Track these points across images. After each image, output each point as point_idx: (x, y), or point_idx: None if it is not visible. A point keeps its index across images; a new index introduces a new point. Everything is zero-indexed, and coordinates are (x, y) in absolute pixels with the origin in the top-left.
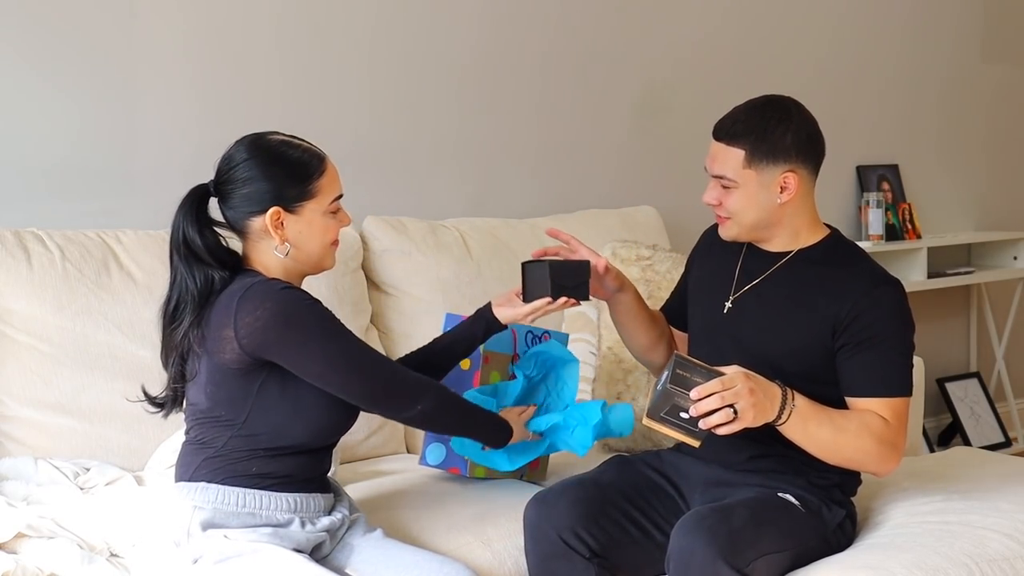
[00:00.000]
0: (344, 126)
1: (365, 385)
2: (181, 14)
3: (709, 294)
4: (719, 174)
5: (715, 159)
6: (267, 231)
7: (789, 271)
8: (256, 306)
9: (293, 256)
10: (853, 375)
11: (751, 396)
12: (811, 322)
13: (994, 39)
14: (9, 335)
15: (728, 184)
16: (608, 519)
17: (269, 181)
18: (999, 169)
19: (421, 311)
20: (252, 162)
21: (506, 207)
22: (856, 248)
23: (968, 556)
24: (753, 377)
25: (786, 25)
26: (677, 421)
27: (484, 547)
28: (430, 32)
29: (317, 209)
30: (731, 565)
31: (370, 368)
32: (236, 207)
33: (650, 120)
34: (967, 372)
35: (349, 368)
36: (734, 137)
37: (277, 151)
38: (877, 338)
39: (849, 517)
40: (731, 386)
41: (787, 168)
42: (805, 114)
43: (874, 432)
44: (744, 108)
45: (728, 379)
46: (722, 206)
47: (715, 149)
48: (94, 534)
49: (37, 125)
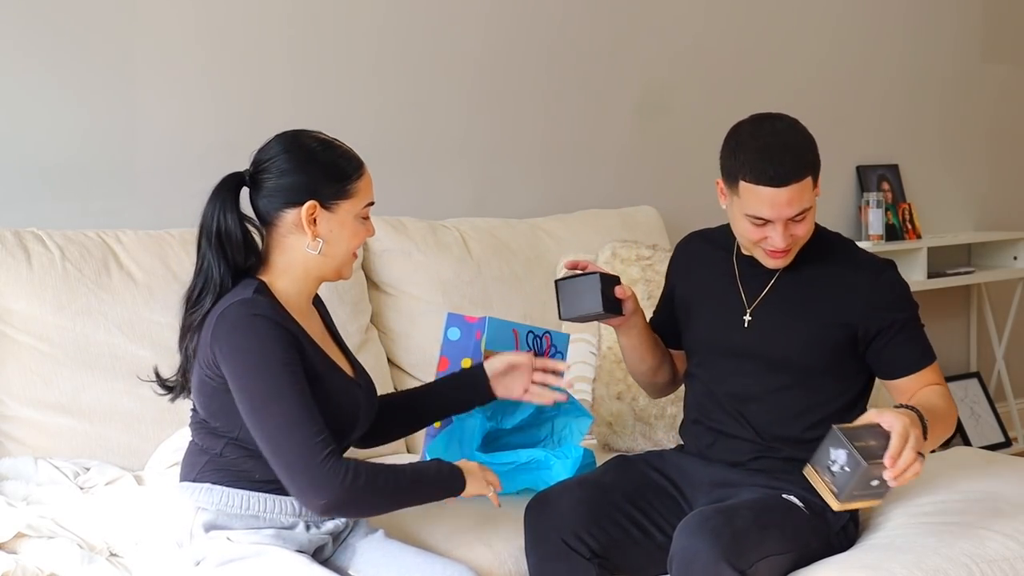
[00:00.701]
0: (344, 126)
1: (271, 454)
2: (183, 14)
3: (714, 310)
4: (799, 211)
5: (791, 203)
6: (299, 225)
7: (794, 273)
8: (227, 327)
9: (322, 253)
10: (895, 359)
11: (918, 429)
12: (824, 319)
13: (994, 39)
14: (9, 335)
15: (803, 215)
16: (609, 520)
17: (309, 175)
18: (999, 169)
19: (421, 311)
20: (292, 155)
21: (506, 207)
22: (843, 239)
23: (968, 556)
24: (901, 413)
25: (786, 26)
26: (868, 491)
27: (485, 548)
28: (431, 33)
29: (351, 211)
30: (733, 566)
31: (284, 441)
32: (271, 197)
33: (650, 120)
34: (967, 372)
35: (263, 432)
36: (800, 172)
37: (319, 148)
38: (900, 320)
39: (852, 519)
40: (907, 434)
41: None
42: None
43: (947, 399)
44: (781, 144)
45: (902, 429)
46: (796, 239)
47: (786, 195)
48: (94, 534)
49: (37, 125)
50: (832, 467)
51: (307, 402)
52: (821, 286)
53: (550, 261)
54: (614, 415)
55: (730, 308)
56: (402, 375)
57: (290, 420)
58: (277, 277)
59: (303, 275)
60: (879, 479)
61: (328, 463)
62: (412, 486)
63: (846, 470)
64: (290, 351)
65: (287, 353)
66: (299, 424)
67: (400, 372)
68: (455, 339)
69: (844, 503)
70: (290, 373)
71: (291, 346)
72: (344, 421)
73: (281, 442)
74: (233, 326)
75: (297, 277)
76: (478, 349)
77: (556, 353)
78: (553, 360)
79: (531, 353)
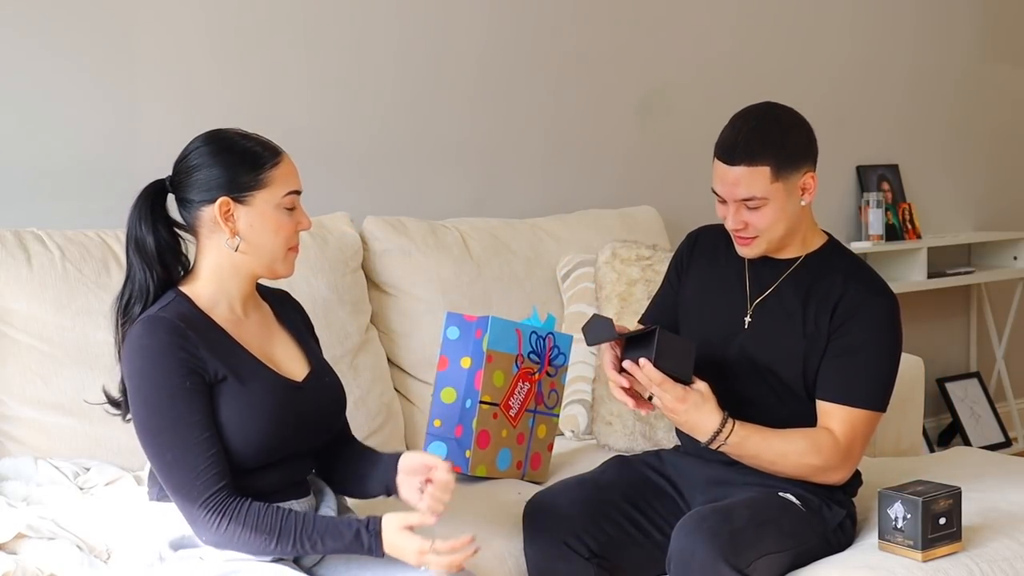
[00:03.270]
0: (344, 126)
1: (159, 472)
2: (183, 14)
3: (717, 311)
4: (746, 196)
5: (738, 183)
6: (217, 223)
7: (799, 278)
8: (127, 348)
9: (244, 250)
10: (825, 377)
11: (682, 404)
12: (812, 331)
13: (994, 39)
14: (9, 335)
15: (756, 204)
16: (607, 519)
17: (220, 168)
18: (999, 169)
19: (421, 311)
20: (205, 149)
21: (506, 207)
22: (854, 256)
23: (968, 556)
24: (700, 405)
25: (787, 26)
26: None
27: (485, 546)
28: (431, 33)
29: (269, 200)
30: (732, 565)
31: (166, 478)
32: (189, 198)
33: (651, 120)
34: (967, 372)
35: (151, 461)
36: (754, 156)
37: (230, 140)
38: (857, 346)
39: (849, 517)
40: (679, 395)
41: (806, 170)
42: (798, 113)
43: (823, 450)
44: (750, 123)
45: (673, 387)
46: (748, 227)
47: (734, 174)
48: (94, 535)
49: (37, 125)
50: (897, 524)
51: (193, 438)
52: (814, 298)
53: (550, 261)
54: (614, 415)
55: (733, 309)
56: (402, 375)
57: (172, 457)
58: (202, 284)
59: (232, 275)
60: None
61: (206, 507)
62: (312, 543)
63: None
64: (182, 378)
65: (175, 381)
66: (179, 463)
67: (400, 372)
68: (454, 338)
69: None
70: (178, 404)
71: (185, 372)
72: (276, 429)
73: (165, 476)
74: (130, 348)
75: (225, 278)
76: (479, 348)
77: (559, 354)
78: (445, 486)
79: (449, 464)
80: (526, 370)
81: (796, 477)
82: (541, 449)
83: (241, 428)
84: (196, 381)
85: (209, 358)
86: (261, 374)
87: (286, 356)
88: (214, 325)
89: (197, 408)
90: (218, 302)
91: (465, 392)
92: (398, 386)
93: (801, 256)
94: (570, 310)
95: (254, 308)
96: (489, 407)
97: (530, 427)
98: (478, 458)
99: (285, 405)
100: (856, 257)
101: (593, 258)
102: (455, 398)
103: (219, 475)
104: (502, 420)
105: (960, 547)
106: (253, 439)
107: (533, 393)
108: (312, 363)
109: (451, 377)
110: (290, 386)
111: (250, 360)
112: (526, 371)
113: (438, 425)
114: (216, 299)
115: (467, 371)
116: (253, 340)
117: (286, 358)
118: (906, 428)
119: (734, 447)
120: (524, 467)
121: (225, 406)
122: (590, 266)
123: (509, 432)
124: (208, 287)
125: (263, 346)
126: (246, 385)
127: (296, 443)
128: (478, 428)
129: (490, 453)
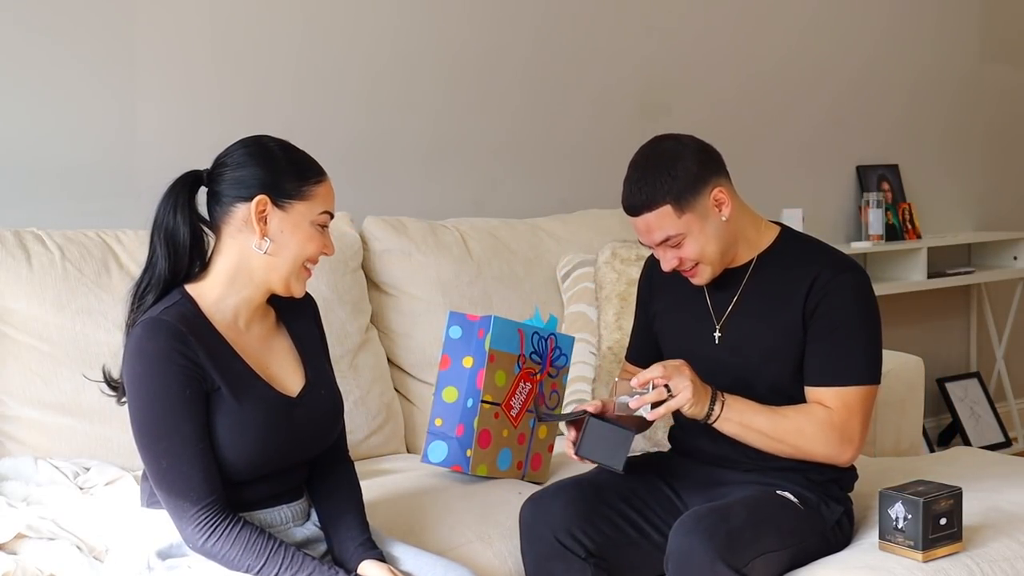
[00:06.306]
0: (344, 126)
1: (152, 477)
2: (181, 15)
3: (686, 328)
4: (662, 239)
5: (650, 230)
6: (249, 222)
7: (759, 279)
8: (129, 346)
9: (271, 252)
10: (811, 365)
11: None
12: (785, 325)
13: (994, 39)
14: (9, 335)
15: (676, 240)
16: (604, 519)
17: (265, 169)
18: (999, 169)
19: (421, 311)
20: (254, 149)
21: (506, 207)
22: (812, 240)
23: (969, 556)
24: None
25: (787, 26)
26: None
27: (485, 546)
28: (430, 32)
29: (306, 214)
30: (730, 565)
31: (159, 484)
32: (224, 191)
33: (650, 120)
34: (967, 372)
35: (146, 466)
36: (651, 201)
37: (281, 146)
38: (833, 326)
39: (847, 514)
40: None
41: (711, 187)
42: (683, 137)
43: (815, 419)
44: (638, 171)
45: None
46: (683, 261)
47: (642, 223)
48: (94, 535)
49: (37, 125)
50: (897, 525)
51: (189, 448)
52: (782, 293)
53: (550, 261)
54: None
55: (701, 324)
56: (402, 375)
57: (167, 465)
58: (213, 286)
59: (247, 281)
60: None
61: (196, 519)
62: (275, 561)
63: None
64: (181, 386)
65: (174, 390)
66: (173, 471)
67: (400, 372)
68: (456, 337)
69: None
70: (176, 414)
71: (184, 380)
72: (269, 446)
73: (158, 482)
74: (131, 349)
75: (239, 284)
76: (481, 347)
77: (560, 355)
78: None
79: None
80: (528, 370)
81: (800, 452)
82: (542, 449)
83: (233, 444)
84: (195, 389)
85: (208, 366)
86: (256, 390)
87: (283, 369)
88: (213, 330)
89: (195, 418)
90: (222, 306)
91: (467, 391)
92: (398, 386)
93: (753, 258)
94: (570, 310)
95: (259, 320)
96: (491, 407)
97: (531, 427)
98: (479, 457)
99: (279, 422)
100: (815, 240)
101: (593, 258)
102: (457, 397)
103: (212, 488)
104: (503, 420)
105: (961, 547)
106: (244, 454)
107: (534, 393)
108: (308, 376)
109: (453, 376)
110: (284, 401)
111: (246, 373)
112: (528, 371)
113: (439, 424)
114: (221, 303)
115: (469, 370)
116: (251, 351)
117: (283, 371)
118: (906, 428)
119: (736, 413)
120: (525, 467)
121: (219, 418)
122: (590, 266)
123: (510, 432)
124: (216, 289)
125: (260, 357)
126: (240, 402)
127: (289, 457)
128: (479, 427)
129: (491, 453)
